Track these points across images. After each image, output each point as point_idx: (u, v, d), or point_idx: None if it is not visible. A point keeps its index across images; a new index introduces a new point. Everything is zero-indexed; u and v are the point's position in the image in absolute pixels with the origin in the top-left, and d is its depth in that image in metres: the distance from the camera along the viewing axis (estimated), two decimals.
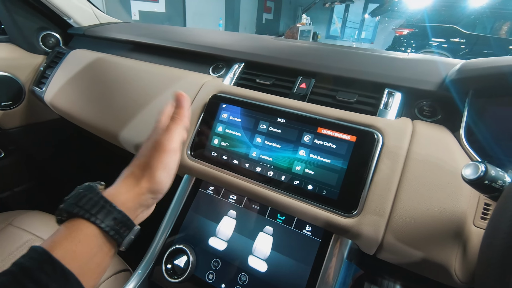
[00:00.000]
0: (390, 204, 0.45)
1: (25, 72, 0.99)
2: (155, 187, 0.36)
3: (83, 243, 0.30)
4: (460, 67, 0.51)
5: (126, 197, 0.34)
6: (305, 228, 0.53)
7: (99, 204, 0.32)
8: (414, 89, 0.55)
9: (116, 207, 0.32)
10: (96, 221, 0.31)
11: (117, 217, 0.32)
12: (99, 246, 0.31)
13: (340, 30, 10.42)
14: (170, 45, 0.83)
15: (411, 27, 5.63)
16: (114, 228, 0.32)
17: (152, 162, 0.37)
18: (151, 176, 0.36)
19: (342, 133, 0.50)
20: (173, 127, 0.40)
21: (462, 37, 5.08)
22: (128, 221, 0.33)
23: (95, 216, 0.31)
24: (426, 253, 0.42)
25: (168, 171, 0.38)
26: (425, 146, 0.47)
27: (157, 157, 0.37)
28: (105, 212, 0.32)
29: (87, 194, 0.32)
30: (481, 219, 0.43)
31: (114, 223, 0.32)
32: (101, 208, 0.31)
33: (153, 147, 0.38)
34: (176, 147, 0.39)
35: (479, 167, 0.33)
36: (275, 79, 0.66)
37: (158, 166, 0.37)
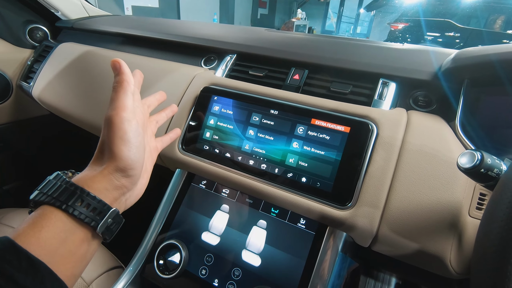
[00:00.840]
0: (385, 195, 0.44)
1: (12, 66, 0.96)
2: (119, 164, 0.33)
3: (48, 228, 0.28)
4: (455, 55, 0.50)
5: (94, 180, 0.32)
6: (299, 221, 0.52)
7: (66, 190, 0.30)
8: (409, 79, 0.54)
9: (84, 189, 0.31)
10: (62, 206, 0.29)
11: (85, 200, 0.30)
12: (69, 232, 0.29)
13: (336, 25, 10.39)
14: (161, 37, 0.81)
15: (406, 22, 5.62)
16: (84, 211, 0.30)
17: (107, 139, 0.34)
18: (111, 154, 0.33)
19: (336, 124, 0.49)
20: (115, 96, 0.36)
21: (457, 31, 5.09)
22: (99, 203, 0.31)
23: (60, 200, 0.29)
24: (421, 245, 0.42)
25: (126, 143, 0.34)
26: (420, 136, 0.46)
27: (110, 132, 0.34)
28: (73, 196, 0.30)
29: (53, 182, 0.31)
30: (477, 209, 0.42)
31: (84, 207, 0.30)
32: (67, 193, 0.30)
33: (104, 124, 0.35)
34: (126, 115, 0.35)
35: (475, 156, 0.32)
36: (268, 70, 0.64)
37: (114, 141, 0.33)
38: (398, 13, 6.20)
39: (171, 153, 0.59)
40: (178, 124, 0.60)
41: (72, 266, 0.29)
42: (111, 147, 0.33)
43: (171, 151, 0.59)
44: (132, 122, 0.35)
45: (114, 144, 0.33)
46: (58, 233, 0.28)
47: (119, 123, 0.34)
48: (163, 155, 0.61)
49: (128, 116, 0.35)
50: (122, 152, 0.33)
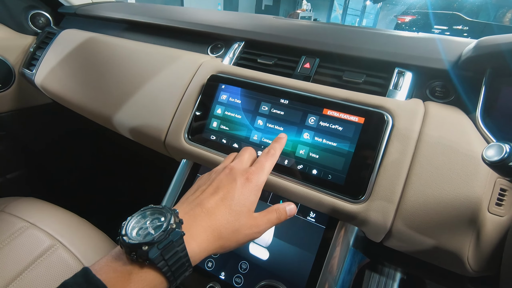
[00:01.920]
0: (400, 189, 0.42)
1: (14, 53, 0.94)
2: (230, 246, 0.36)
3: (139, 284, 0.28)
4: (477, 43, 0.47)
5: (199, 252, 0.32)
6: (309, 214, 0.50)
7: (180, 262, 0.29)
8: (426, 68, 0.52)
9: (191, 263, 0.31)
10: (167, 274, 0.29)
11: (186, 268, 0.30)
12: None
13: (341, 17, 10.22)
14: (167, 23, 0.78)
15: (413, 14, 5.52)
16: (176, 276, 0.30)
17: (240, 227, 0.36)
18: (235, 241, 0.36)
19: (349, 114, 0.47)
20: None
21: (465, 24, 4.99)
22: (190, 269, 0.31)
23: (171, 271, 0.29)
24: (437, 241, 0.40)
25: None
26: (438, 128, 0.44)
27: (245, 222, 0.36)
28: (181, 269, 0.30)
29: (174, 247, 0.29)
30: (496, 205, 0.40)
31: (181, 273, 0.30)
32: (180, 267, 0.30)
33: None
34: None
35: (503, 148, 0.30)
36: (277, 58, 0.62)
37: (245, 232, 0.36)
38: (405, 5, 6.09)
39: (176, 143, 0.58)
40: (184, 113, 0.59)
41: None
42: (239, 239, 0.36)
43: (177, 141, 0.58)
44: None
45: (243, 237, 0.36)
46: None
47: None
48: (168, 145, 0.59)
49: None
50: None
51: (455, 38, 0.57)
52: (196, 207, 0.35)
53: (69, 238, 0.67)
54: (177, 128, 0.58)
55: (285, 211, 0.41)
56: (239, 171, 0.39)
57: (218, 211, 0.35)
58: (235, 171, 0.39)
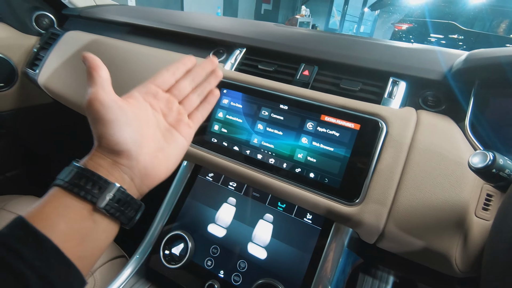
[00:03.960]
0: (392, 193, 0.44)
1: (17, 53, 0.95)
2: (100, 143, 0.33)
3: (50, 204, 0.28)
4: (467, 56, 0.50)
5: (89, 160, 0.32)
6: (306, 216, 0.52)
7: (70, 170, 0.30)
8: (419, 78, 0.54)
9: (81, 166, 0.31)
10: (61, 183, 0.29)
11: (83, 176, 0.30)
12: (66, 207, 0.29)
13: (339, 23, 10.34)
14: (170, 28, 0.80)
15: (410, 22, 5.60)
16: (81, 187, 0.29)
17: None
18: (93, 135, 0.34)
19: (346, 121, 0.50)
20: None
21: (461, 34, 5.07)
22: (95, 176, 0.30)
23: (60, 179, 0.29)
24: (427, 242, 0.42)
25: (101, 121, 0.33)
26: (429, 135, 0.46)
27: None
28: (71, 173, 0.30)
29: (70, 167, 0.31)
30: (483, 210, 0.42)
31: (83, 183, 0.29)
32: (67, 171, 0.30)
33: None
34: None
35: (487, 156, 0.33)
36: (277, 65, 0.64)
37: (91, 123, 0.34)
38: (403, 13, 6.17)
39: None
40: None
41: (77, 244, 0.28)
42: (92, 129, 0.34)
43: None
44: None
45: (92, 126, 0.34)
46: (57, 207, 0.28)
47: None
48: None
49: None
50: (96, 130, 0.33)
51: (447, 50, 0.60)
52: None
53: None
54: None
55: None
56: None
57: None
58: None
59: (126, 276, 0.55)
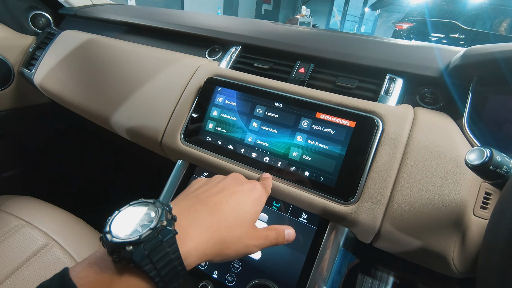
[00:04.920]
0: (389, 191, 0.43)
1: (13, 53, 0.95)
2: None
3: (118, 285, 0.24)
4: (465, 53, 0.49)
5: (196, 255, 0.28)
6: (301, 215, 0.51)
7: (171, 266, 0.25)
8: (416, 75, 0.53)
9: (184, 266, 0.27)
10: (156, 279, 0.25)
11: (177, 272, 0.26)
12: None
13: (340, 23, 10.32)
14: (165, 27, 0.79)
15: (411, 22, 5.58)
16: (167, 282, 0.26)
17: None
18: (235, 250, 0.32)
19: (341, 118, 0.49)
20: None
21: (462, 33, 5.05)
22: (183, 274, 0.27)
23: (160, 276, 0.25)
24: (424, 242, 0.41)
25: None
26: (427, 133, 0.45)
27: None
28: (172, 273, 0.26)
29: (164, 247, 0.25)
30: (481, 209, 0.41)
31: (172, 278, 0.26)
32: (170, 271, 0.26)
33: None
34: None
35: (484, 152, 0.32)
36: (273, 63, 0.63)
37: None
38: (403, 13, 6.15)
39: (173, 143, 0.59)
40: (181, 115, 0.60)
41: None
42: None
43: (173, 141, 0.59)
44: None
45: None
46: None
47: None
48: (164, 146, 0.60)
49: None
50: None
51: (445, 47, 0.59)
52: (198, 203, 0.31)
53: (64, 237, 0.67)
54: (173, 129, 0.60)
55: (283, 233, 0.38)
56: (245, 179, 0.37)
57: (223, 210, 0.31)
58: (242, 178, 0.37)
59: None
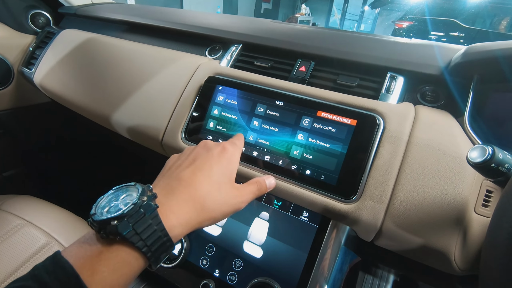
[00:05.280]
0: (390, 189, 0.43)
1: (13, 52, 0.95)
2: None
3: (120, 271, 0.26)
4: (465, 50, 0.49)
5: (179, 226, 0.30)
6: (302, 214, 0.51)
7: (156, 236, 0.27)
8: (417, 73, 0.53)
9: (170, 237, 0.28)
10: (143, 249, 0.26)
11: (163, 243, 0.28)
12: (133, 270, 0.27)
13: (340, 22, 10.31)
14: (165, 25, 0.79)
15: (411, 20, 5.58)
16: (156, 253, 0.28)
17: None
18: (220, 212, 0.33)
19: (343, 116, 0.49)
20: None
21: (462, 31, 5.05)
22: (170, 246, 0.29)
23: (147, 246, 0.27)
24: (425, 240, 0.41)
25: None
26: (428, 131, 0.45)
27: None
28: (158, 243, 0.27)
29: (147, 220, 0.27)
30: (483, 206, 0.41)
31: (158, 248, 0.28)
32: (156, 241, 0.27)
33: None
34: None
35: (486, 150, 0.32)
36: (273, 61, 0.63)
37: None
38: (403, 11, 6.15)
39: (173, 142, 0.59)
40: (181, 113, 0.60)
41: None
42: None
43: (174, 140, 0.59)
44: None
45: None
46: (126, 273, 0.26)
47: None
48: (165, 145, 0.60)
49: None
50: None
51: (446, 45, 0.59)
52: (173, 181, 0.33)
53: (65, 236, 0.67)
54: (174, 128, 0.59)
55: (265, 183, 0.40)
56: (214, 143, 0.39)
57: (198, 181, 0.33)
58: (210, 143, 0.39)
59: None
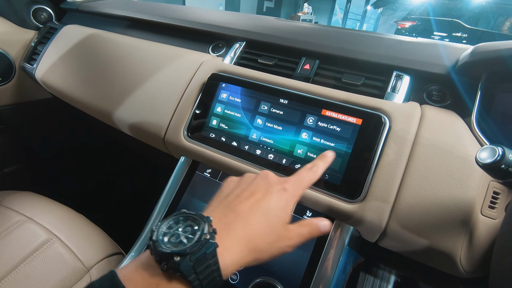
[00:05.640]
0: (395, 190, 0.43)
1: (15, 47, 0.94)
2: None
3: None
4: (474, 49, 0.48)
5: (232, 265, 0.29)
6: (306, 213, 0.51)
7: (212, 277, 0.27)
8: (423, 72, 0.53)
9: (221, 274, 0.28)
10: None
11: (216, 283, 0.28)
12: None
13: (342, 21, 10.27)
14: (169, 22, 0.79)
15: (414, 20, 5.55)
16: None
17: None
18: (269, 254, 0.32)
19: (348, 115, 0.48)
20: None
21: (464, 32, 5.02)
22: (220, 283, 0.28)
23: (202, 286, 0.26)
24: (431, 241, 0.41)
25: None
26: (434, 131, 0.45)
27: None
28: (212, 283, 0.27)
29: (207, 259, 0.27)
30: (489, 208, 0.41)
31: (209, 286, 0.27)
32: (211, 281, 0.27)
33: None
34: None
35: (496, 151, 0.31)
36: (277, 59, 0.63)
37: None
38: (406, 11, 6.12)
39: (176, 140, 0.58)
40: (184, 111, 0.59)
41: None
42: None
43: (176, 138, 0.58)
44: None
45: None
46: None
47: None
48: (167, 142, 0.60)
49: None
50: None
51: (452, 44, 0.58)
52: (230, 213, 0.32)
53: (65, 233, 0.67)
54: (177, 126, 0.59)
55: (318, 227, 0.37)
56: (276, 178, 0.37)
57: (254, 218, 0.32)
58: (272, 177, 0.37)
59: None
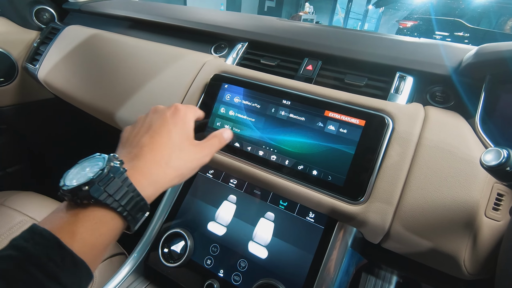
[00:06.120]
0: (399, 191, 0.43)
1: (17, 48, 0.95)
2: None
3: (98, 231, 0.27)
4: (478, 50, 0.48)
5: (149, 185, 0.32)
6: (308, 214, 0.51)
7: (129, 196, 0.29)
8: (427, 73, 0.52)
9: (139, 193, 0.30)
10: (118, 209, 0.28)
11: (137, 202, 0.30)
12: (111, 230, 0.28)
13: (343, 21, 10.24)
14: (171, 22, 0.79)
15: (415, 20, 5.53)
16: (132, 213, 0.29)
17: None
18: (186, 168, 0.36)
19: (351, 116, 0.48)
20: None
21: (466, 31, 5.00)
22: (145, 205, 0.31)
23: (122, 206, 0.28)
24: (435, 243, 0.40)
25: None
26: (438, 132, 0.45)
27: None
28: (132, 203, 0.29)
29: (117, 181, 0.28)
30: (493, 210, 0.41)
31: (133, 208, 0.29)
32: (130, 201, 0.29)
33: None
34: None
35: (501, 153, 0.31)
36: (280, 60, 0.62)
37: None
38: (407, 11, 6.10)
39: None
40: None
41: (100, 258, 0.29)
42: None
43: None
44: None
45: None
46: (105, 233, 0.28)
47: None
48: None
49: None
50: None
51: (456, 45, 0.57)
52: (134, 148, 0.35)
53: None
54: None
55: (222, 136, 0.44)
56: (165, 107, 0.40)
57: (159, 144, 0.35)
58: (161, 107, 0.40)
59: (124, 273, 0.54)
